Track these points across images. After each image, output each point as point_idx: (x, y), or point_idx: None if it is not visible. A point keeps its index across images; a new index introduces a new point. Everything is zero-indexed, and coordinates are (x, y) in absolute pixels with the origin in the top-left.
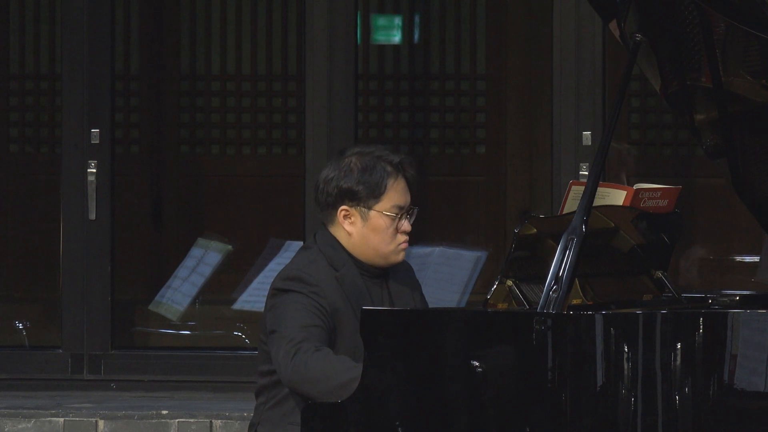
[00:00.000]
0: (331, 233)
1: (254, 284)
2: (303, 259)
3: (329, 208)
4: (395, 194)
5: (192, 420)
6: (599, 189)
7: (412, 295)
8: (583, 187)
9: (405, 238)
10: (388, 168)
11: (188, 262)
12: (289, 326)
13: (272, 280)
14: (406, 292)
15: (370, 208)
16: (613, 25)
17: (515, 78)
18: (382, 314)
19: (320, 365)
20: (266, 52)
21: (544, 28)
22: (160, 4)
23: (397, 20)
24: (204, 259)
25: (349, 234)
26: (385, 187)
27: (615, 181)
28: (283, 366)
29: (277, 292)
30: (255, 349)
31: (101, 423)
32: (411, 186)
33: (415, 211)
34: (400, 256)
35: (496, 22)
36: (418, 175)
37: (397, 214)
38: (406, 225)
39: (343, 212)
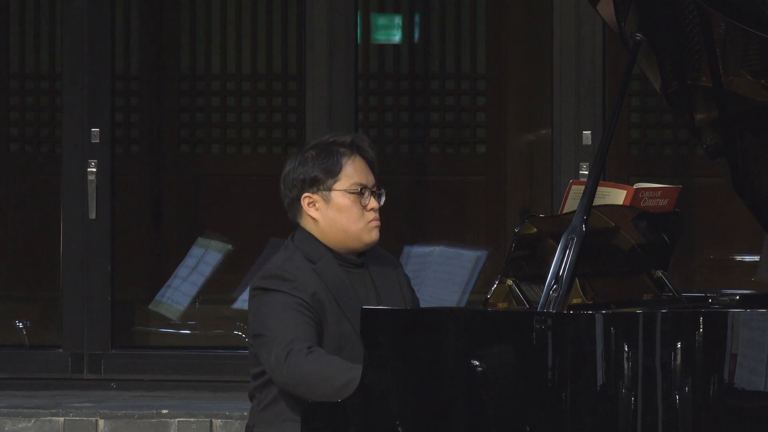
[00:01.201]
0: (304, 229)
1: None
2: (280, 257)
3: (294, 202)
4: (354, 172)
5: (192, 419)
6: (599, 188)
7: (399, 285)
8: (583, 187)
9: (374, 215)
10: (342, 149)
11: (188, 261)
12: (275, 328)
13: None
14: (392, 281)
15: (330, 189)
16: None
17: (515, 78)
18: (381, 314)
19: (315, 368)
20: (266, 52)
21: (544, 28)
22: (160, 4)
23: (397, 20)
24: (204, 258)
25: (316, 220)
26: (341, 165)
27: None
28: (276, 370)
29: (257, 291)
30: None
31: (101, 422)
32: (372, 166)
33: (383, 192)
34: (374, 234)
35: (496, 22)
36: (379, 154)
37: (359, 190)
38: (373, 202)
39: (306, 200)
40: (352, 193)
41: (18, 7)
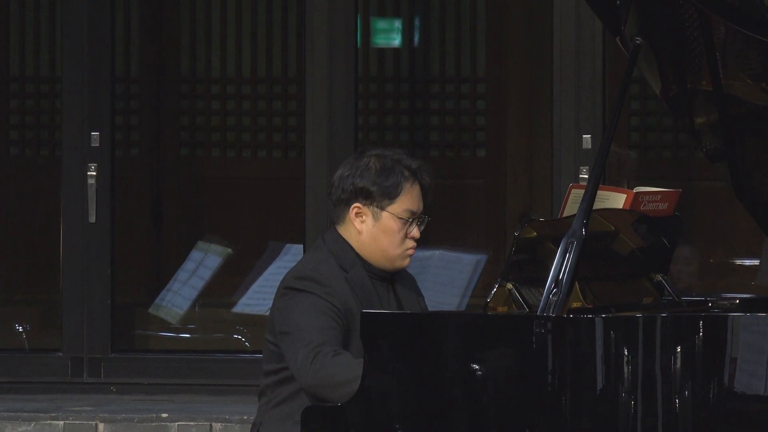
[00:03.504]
0: (339, 234)
1: (254, 287)
2: (314, 259)
3: (342, 204)
4: (409, 199)
5: (192, 423)
6: (599, 192)
7: (417, 300)
8: (583, 191)
9: (413, 244)
10: (406, 172)
11: (188, 265)
12: (305, 329)
13: (275, 281)
14: (413, 297)
15: (383, 209)
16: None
17: (515, 80)
18: (382, 317)
19: (341, 370)
20: (266, 55)
21: (544, 29)
22: (160, 6)
23: (397, 23)
24: (204, 262)
25: (359, 232)
26: (401, 190)
27: (615, 185)
28: (302, 371)
29: (288, 291)
30: (255, 352)
31: (101, 426)
32: (426, 194)
33: (426, 219)
34: (406, 262)
35: (496, 25)
36: (433, 183)
37: (408, 218)
38: (415, 231)
39: (355, 209)
40: (402, 219)
41: (18, 9)
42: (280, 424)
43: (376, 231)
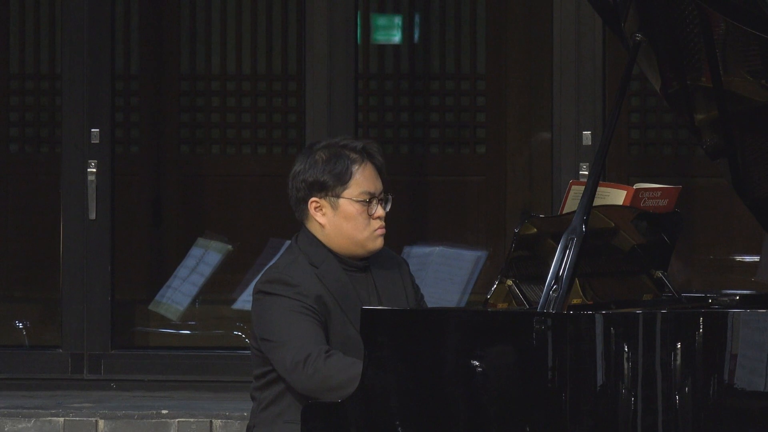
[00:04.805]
0: (308, 231)
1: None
2: (284, 260)
3: (301, 203)
4: (363, 180)
5: (192, 419)
6: (599, 189)
7: (402, 286)
8: (583, 187)
9: (380, 224)
10: (353, 155)
11: (188, 261)
12: (287, 333)
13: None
14: (395, 283)
15: (338, 196)
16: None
17: (515, 78)
18: (381, 314)
19: (336, 373)
20: (266, 52)
21: (544, 28)
22: (160, 4)
23: (397, 20)
24: (204, 258)
25: (322, 225)
26: (351, 173)
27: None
28: (294, 375)
29: (260, 295)
30: None
31: (101, 423)
32: (380, 172)
33: (390, 198)
34: (378, 243)
35: (497, 22)
36: (385, 160)
37: (367, 199)
38: (379, 210)
39: (313, 204)
40: (360, 201)
41: (18, 7)
42: (271, 425)
43: (338, 220)
